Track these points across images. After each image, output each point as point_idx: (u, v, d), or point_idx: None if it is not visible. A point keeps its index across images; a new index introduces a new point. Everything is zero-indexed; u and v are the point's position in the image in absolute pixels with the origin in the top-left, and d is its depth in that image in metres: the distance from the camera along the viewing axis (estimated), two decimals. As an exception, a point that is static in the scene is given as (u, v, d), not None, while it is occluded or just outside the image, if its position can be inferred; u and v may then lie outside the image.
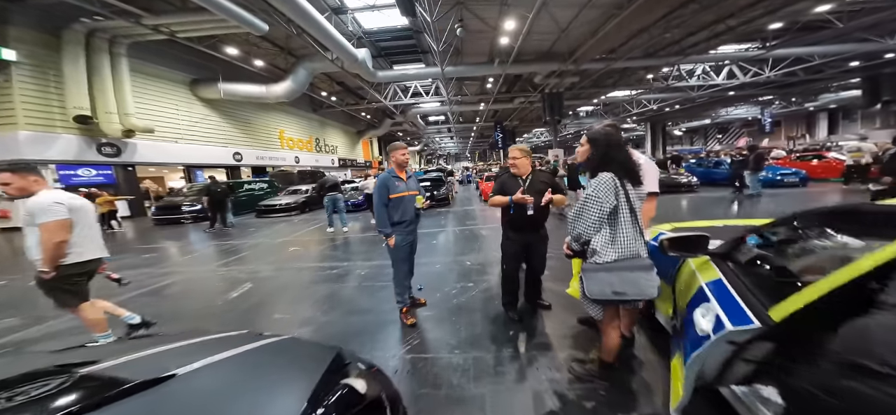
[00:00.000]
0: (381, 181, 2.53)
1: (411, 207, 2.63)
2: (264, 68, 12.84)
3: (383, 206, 2.51)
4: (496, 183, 2.52)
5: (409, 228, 2.63)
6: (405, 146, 2.61)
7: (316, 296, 3.46)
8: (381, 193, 2.50)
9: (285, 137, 17.87)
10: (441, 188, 10.54)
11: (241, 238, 7.22)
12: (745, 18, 9.55)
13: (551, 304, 2.72)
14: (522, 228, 2.40)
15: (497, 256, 4.36)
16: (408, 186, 2.61)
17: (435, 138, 37.42)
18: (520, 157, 2.40)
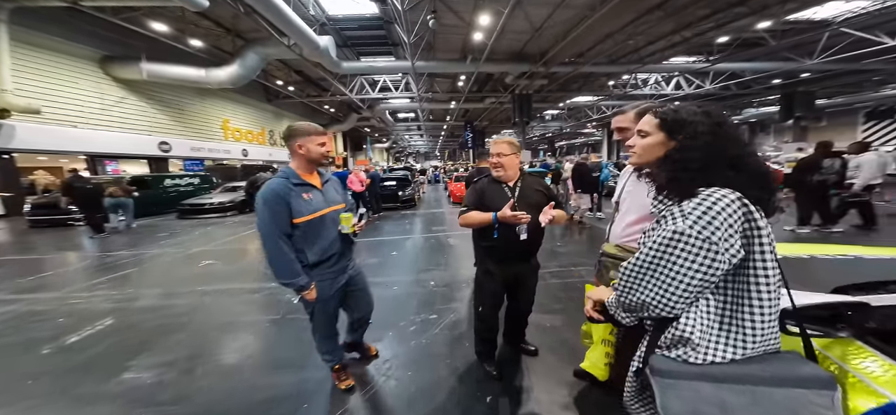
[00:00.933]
0: (270, 194, 1.41)
1: (333, 231, 1.54)
2: (205, 50, 10.95)
3: (279, 240, 1.41)
4: (470, 190, 1.78)
5: (336, 267, 1.57)
6: (322, 131, 1.54)
7: (211, 336, 2.50)
8: (274, 218, 1.40)
9: (230, 127, 15.68)
10: (407, 189, 9.64)
11: (139, 246, 5.74)
12: (698, 30, 9.88)
13: (538, 348, 2.08)
14: (509, 258, 1.69)
15: (466, 274, 3.57)
16: (325, 198, 1.54)
17: (404, 136, 36.17)
18: (508, 153, 1.67)
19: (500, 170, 1.70)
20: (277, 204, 1.40)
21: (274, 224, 1.39)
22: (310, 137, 1.49)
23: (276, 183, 1.44)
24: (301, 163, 1.51)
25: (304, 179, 1.50)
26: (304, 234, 1.47)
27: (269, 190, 1.41)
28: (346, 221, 1.57)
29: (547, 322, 2.43)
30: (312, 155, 1.50)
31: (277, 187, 1.42)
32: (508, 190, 1.70)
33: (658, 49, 11.60)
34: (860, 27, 9.30)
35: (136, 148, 11.55)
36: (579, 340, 2.21)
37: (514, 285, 1.78)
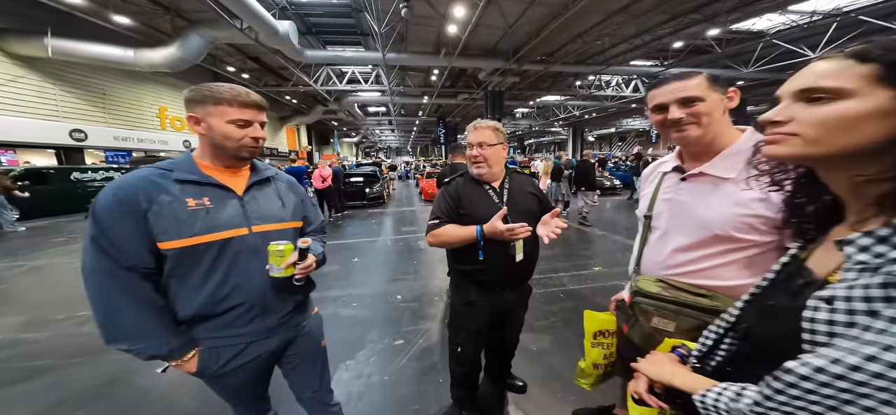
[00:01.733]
0: (111, 197, 0.77)
1: (253, 269, 0.89)
2: (135, 29, 9.29)
3: (118, 275, 0.77)
4: (440, 196, 1.33)
5: (250, 327, 0.91)
6: (246, 99, 0.86)
7: (73, 389, 1.85)
8: (113, 239, 0.76)
9: (169, 115, 13.76)
10: (374, 186, 9.03)
11: (20, 255, 4.67)
12: (657, 35, 10.28)
13: (526, 383, 1.76)
14: (499, 285, 1.31)
15: (439, 285, 3.17)
16: (246, 210, 0.91)
17: (375, 131, 34.79)
18: (493, 142, 1.26)
19: (482, 166, 1.26)
20: (122, 215, 0.75)
21: (107, 253, 0.74)
22: (219, 107, 0.82)
23: (132, 176, 0.79)
24: (205, 149, 0.88)
25: (205, 176, 0.86)
26: (180, 269, 0.81)
27: (113, 190, 0.76)
28: (276, 257, 0.86)
29: (532, 345, 2.13)
30: (217, 139, 0.84)
31: (132, 184, 0.77)
32: (494, 193, 1.30)
33: (621, 51, 11.99)
34: (788, 40, 10.24)
35: (39, 135, 9.52)
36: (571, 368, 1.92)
37: (503, 318, 1.41)
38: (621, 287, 1.07)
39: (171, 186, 0.81)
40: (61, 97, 10.04)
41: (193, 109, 0.85)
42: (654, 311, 0.81)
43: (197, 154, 0.90)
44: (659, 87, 0.85)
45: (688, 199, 0.86)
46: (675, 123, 0.82)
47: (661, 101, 0.85)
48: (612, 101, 18.44)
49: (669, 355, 0.65)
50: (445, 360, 2.05)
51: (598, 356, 1.10)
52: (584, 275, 3.48)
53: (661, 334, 0.80)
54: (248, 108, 0.86)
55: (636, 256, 1.01)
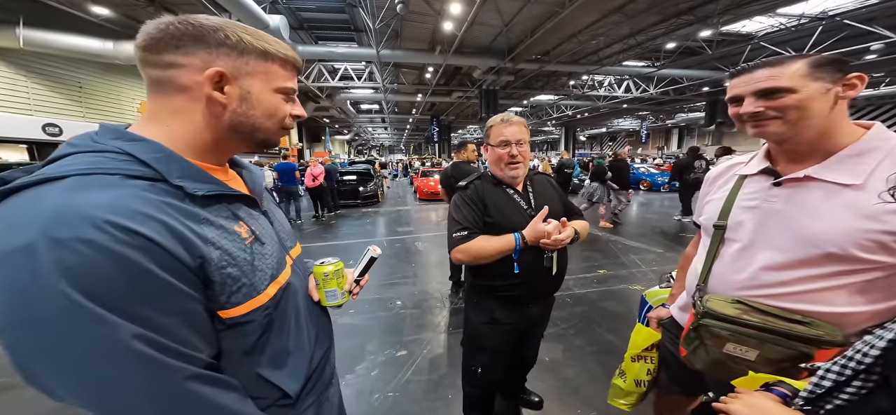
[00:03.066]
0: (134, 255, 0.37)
1: (310, 311, 0.65)
2: (115, 20, 8.78)
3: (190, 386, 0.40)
4: (462, 202, 1.15)
5: (322, 380, 0.65)
6: (287, 51, 0.54)
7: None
8: (161, 323, 0.39)
9: None
10: (368, 184, 8.83)
11: None
12: (651, 35, 10.36)
13: (542, 398, 1.65)
14: (531, 299, 1.18)
15: (440, 289, 3.04)
16: (275, 225, 0.61)
17: (368, 128, 34.32)
18: (525, 141, 1.11)
19: (519, 167, 1.11)
20: (162, 273, 0.39)
21: (162, 350, 0.38)
22: (266, 65, 0.51)
23: (117, 193, 0.38)
24: (198, 130, 0.49)
25: (225, 186, 0.51)
26: (262, 335, 0.52)
27: (99, 225, 0.35)
28: (334, 281, 0.67)
29: (544, 355, 2.02)
30: (254, 117, 0.51)
31: (142, 208, 0.39)
32: (519, 197, 1.15)
33: (614, 52, 12.06)
34: (776, 42, 10.49)
35: (9, 129, 8.91)
36: (587, 380, 1.81)
37: (526, 333, 1.29)
38: (632, 291, 0.95)
39: (196, 209, 0.45)
40: (34, 90, 9.40)
41: (214, 58, 0.46)
42: (729, 336, 0.69)
43: (177, 145, 0.47)
44: (739, 77, 0.73)
45: (786, 208, 0.71)
46: (753, 118, 0.70)
47: (735, 92, 0.73)
48: (605, 102, 18.63)
49: (766, 395, 0.54)
50: (453, 372, 1.92)
51: (642, 372, 0.99)
52: (590, 278, 3.40)
53: (736, 362, 0.69)
54: (297, 72, 0.57)
55: (702, 272, 0.84)
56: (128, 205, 0.38)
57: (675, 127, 29.63)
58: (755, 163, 0.81)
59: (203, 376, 0.41)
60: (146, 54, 0.45)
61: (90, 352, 0.35)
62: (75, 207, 0.35)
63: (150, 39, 0.45)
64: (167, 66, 0.45)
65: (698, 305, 0.76)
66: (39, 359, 0.35)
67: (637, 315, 1.90)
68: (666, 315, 1.03)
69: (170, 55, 0.45)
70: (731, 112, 0.76)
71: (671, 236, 5.10)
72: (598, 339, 2.29)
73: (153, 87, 0.47)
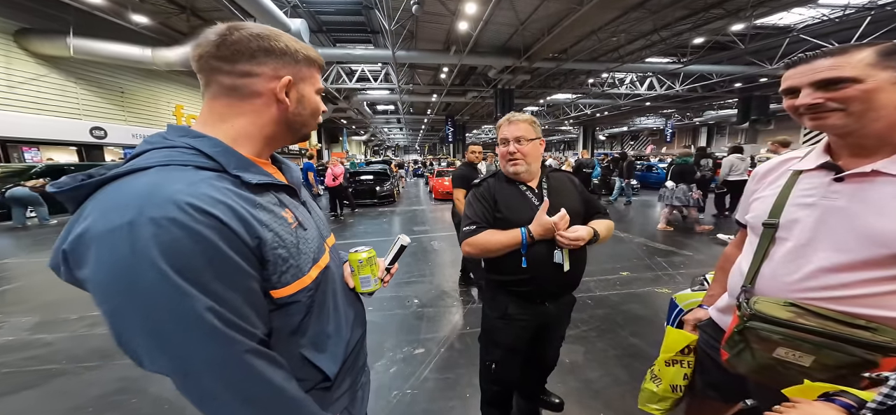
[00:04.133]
0: (207, 234, 0.41)
1: (346, 296, 0.69)
2: (152, 28, 9.42)
3: (256, 360, 0.44)
4: (474, 199, 1.20)
5: (358, 367, 0.69)
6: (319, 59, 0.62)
7: (90, 394, 1.76)
8: (229, 299, 0.43)
9: (185, 114, 14.01)
10: (385, 184, 8.98)
11: (38, 251, 4.71)
12: (676, 30, 9.95)
13: (562, 399, 1.62)
14: (542, 295, 1.18)
15: (456, 287, 3.04)
16: (314, 215, 0.65)
17: (383, 129, 34.89)
18: (530, 137, 1.14)
19: (519, 163, 1.14)
20: (231, 257, 0.43)
21: (228, 324, 0.42)
22: (311, 71, 0.58)
23: (192, 180, 0.43)
24: (259, 127, 0.55)
25: (270, 174, 0.56)
26: (306, 315, 0.55)
27: (181, 206, 0.40)
28: (369, 268, 0.69)
29: (564, 357, 1.98)
30: (304, 115, 0.59)
31: (212, 194, 0.43)
32: (532, 194, 1.17)
33: (636, 48, 11.67)
34: (817, 34, 9.79)
35: (62, 133, 9.79)
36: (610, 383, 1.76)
37: (543, 332, 1.27)
38: (659, 294, 0.90)
39: (251, 195, 0.49)
40: (82, 96, 10.29)
41: (282, 68, 0.52)
42: (780, 340, 0.65)
43: (230, 137, 0.52)
44: (795, 67, 0.69)
45: (849, 205, 0.67)
46: (810, 110, 0.66)
47: (791, 83, 0.69)
48: (626, 100, 18.03)
49: (829, 406, 0.50)
50: (470, 371, 1.92)
51: (678, 377, 0.95)
52: (612, 280, 3.30)
53: (787, 367, 0.65)
54: (320, 68, 0.62)
55: (749, 272, 0.80)
56: (202, 190, 0.42)
57: (703, 125, 28.19)
58: (813, 157, 0.75)
59: (259, 351, 0.45)
60: (221, 63, 0.50)
61: (172, 321, 0.39)
62: (163, 191, 0.40)
63: (225, 49, 0.50)
64: (242, 75, 0.51)
65: (744, 307, 0.72)
66: (132, 325, 0.40)
67: (666, 319, 1.82)
68: (704, 317, 0.99)
69: (245, 65, 0.51)
70: (787, 104, 0.71)
71: (699, 238, 4.86)
72: (621, 342, 2.22)
73: (225, 92, 0.52)
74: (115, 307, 0.39)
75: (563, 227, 1.06)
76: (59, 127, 9.65)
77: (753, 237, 0.82)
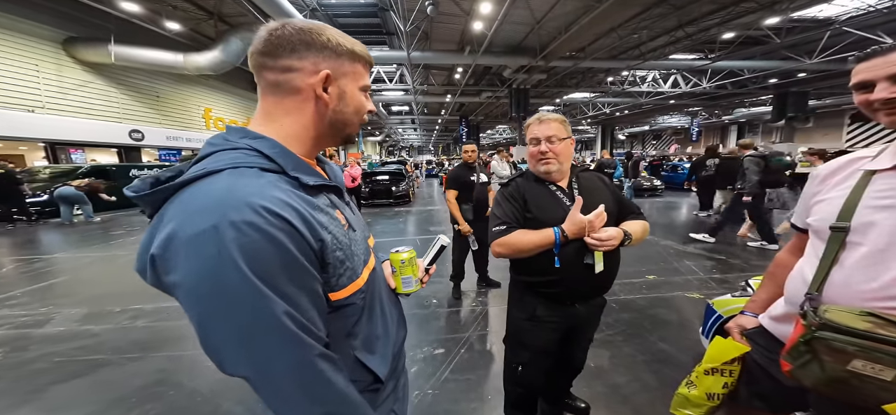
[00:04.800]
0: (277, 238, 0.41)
1: (389, 299, 0.69)
2: (184, 34, 10.00)
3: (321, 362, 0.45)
4: (503, 198, 1.18)
5: (400, 369, 0.69)
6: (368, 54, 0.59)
7: (130, 386, 1.85)
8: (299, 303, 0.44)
9: (213, 116, 14.75)
10: (401, 184, 9.09)
11: (84, 247, 4.99)
12: (702, 26, 9.54)
13: (589, 404, 1.58)
14: (574, 297, 1.15)
15: (473, 288, 3.01)
16: (357, 218, 0.63)
17: (398, 129, 35.34)
18: (563, 137, 1.13)
19: (552, 162, 1.11)
20: (300, 261, 0.44)
21: (302, 328, 0.43)
22: (355, 67, 0.56)
23: (262, 183, 0.44)
24: (306, 127, 0.54)
25: (320, 175, 0.57)
26: (359, 318, 0.56)
27: (257, 210, 0.40)
28: (410, 268, 0.69)
29: (589, 361, 1.92)
30: (347, 113, 0.56)
31: (282, 198, 0.43)
32: (562, 194, 1.15)
33: (659, 45, 11.28)
34: (861, 27, 9.12)
35: (103, 136, 10.57)
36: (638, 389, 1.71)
37: (572, 334, 1.25)
38: (690, 299, 0.85)
39: (309, 197, 0.49)
40: (122, 100, 11.09)
41: (322, 61, 0.51)
42: (856, 352, 0.61)
43: (284, 136, 0.52)
44: (868, 60, 0.65)
45: None
46: (888, 105, 0.62)
47: (864, 77, 0.65)
48: (648, 98, 17.43)
49: None
50: (491, 372, 1.91)
51: (716, 385, 0.91)
52: (638, 283, 3.20)
53: (863, 381, 0.60)
54: (371, 68, 0.60)
55: (815, 280, 0.74)
56: (273, 194, 0.42)
57: (732, 123, 26.82)
58: (888, 156, 0.70)
59: (326, 355, 0.45)
60: (266, 59, 0.50)
61: (253, 324, 0.39)
62: (238, 194, 0.40)
63: (269, 45, 0.49)
64: (284, 70, 0.50)
65: (812, 316, 0.67)
66: (218, 327, 0.40)
67: (701, 326, 1.74)
68: (751, 324, 0.93)
69: (286, 59, 0.49)
70: (859, 100, 0.67)
71: (730, 241, 4.62)
72: (650, 347, 2.14)
73: (270, 90, 0.51)
74: (203, 310, 0.40)
75: (598, 225, 1.03)
76: (102, 130, 10.43)
77: (817, 242, 0.77)
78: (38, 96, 8.96)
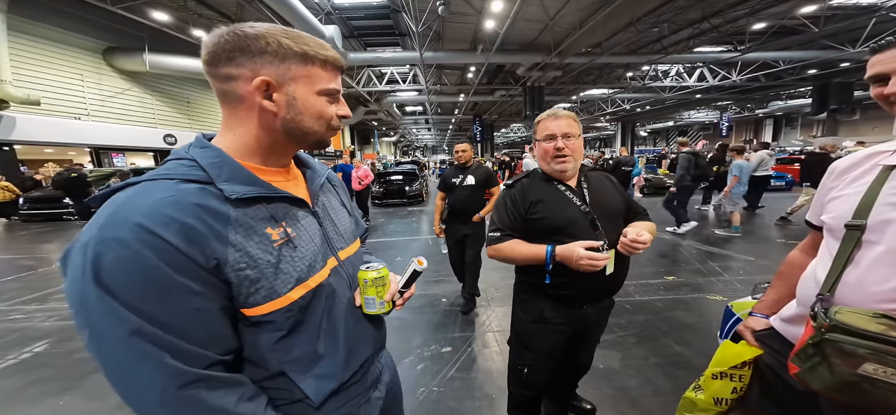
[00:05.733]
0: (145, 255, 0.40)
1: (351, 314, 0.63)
2: (208, 40, 10.57)
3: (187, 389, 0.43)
4: (505, 200, 1.16)
5: (361, 384, 0.65)
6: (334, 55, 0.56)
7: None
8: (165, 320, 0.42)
9: None
10: (414, 184, 9.17)
11: None
12: (729, 17, 9.06)
13: (595, 406, 1.55)
14: (581, 300, 1.13)
15: (485, 287, 3.00)
16: (324, 226, 0.62)
17: (412, 129, 35.74)
18: (577, 132, 1.09)
19: (567, 161, 1.07)
20: (176, 278, 0.42)
21: (163, 346, 0.41)
22: (306, 69, 0.52)
23: (159, 197, 0.43)
24: (256, 137, 0.53)
25: (271, 187, 0.53)
26: (286, 335, 0.53)
27: (131, 227, 0.40)
28: (375, 288, 0.64)
29: (598, 362, 1.89)
30: (303, 121, 0.54)
31: (169, 212, 0.42)
32: (571, 193, 1.11)
33: (683, 39, 10.81)
34: (914, 10, 8.35)
35: (141, 140, 11.47)
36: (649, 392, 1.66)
37: (579, 336, 1.23)
38: (711, 301, 0.82)
39: (227, 210, 0.47)
40: (156, 106, 11.96)
41: (260, 67, 0.48)
42: (868, 355, 0.58)
43: (233, 147, 0.52)
44: (885, 51, 0.63)
45: None
46: None
47: (881, 69, 0.63)
48: (671, 93, 16.70)
49: None
50: (496, 372, 1.90)
51: (725, 390, 0.88)
52: (655, 285, 3.08)
53: (875, 386, 0.58)
54: (339, 72, 0.57)
55: (827, 279, 0.72)
56: (160, 210, 0.41)
57: (767, 117, 25.21)
58: None
59: (201, 377, 0.42)
60: (209, 68, 0.49)
61: (106, 340, 0.39)
62: (125, 210, 0.41)
63: (209, 54, 0.48)
64: (225, 79, 0.49)
65: (822, 318, 0.65)
66: (86, 342, 0.40)
67: (719, 329, 1.67)
68: (762, 326, 0.90)
69: (225, 68, 0.48)
70: (875, 93, 0.65)
71: (764, 241, 4.36)
72: (664, 350, 2.06)
73: (221, 99, 0.51)
74: (75, 322, 0.41)
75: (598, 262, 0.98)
76: (139, 135, 11.30)
77: (832, 240, 0.73)
78: (82, 104, 9.79)
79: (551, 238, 1.05)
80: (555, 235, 1.05)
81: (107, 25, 9.74)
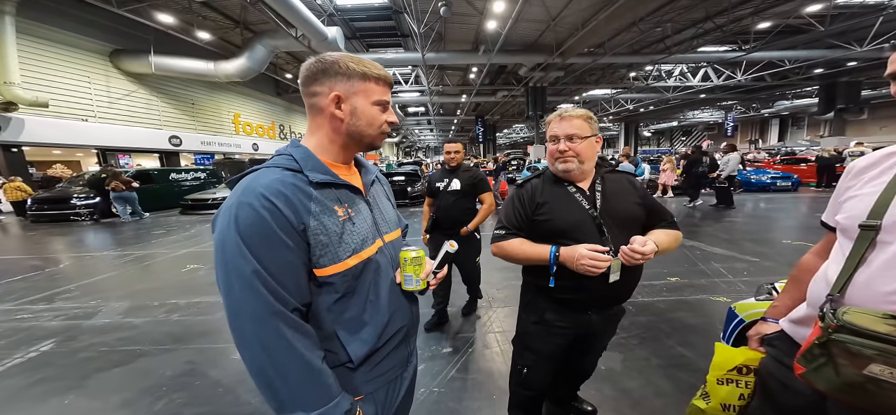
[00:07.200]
0: (257, 206, 0.57)
1: (392, 287, 0.74)
2: (213, 43, 10.68)
3: (282, 324, 0.57)
4: (512, 200, 1.16)
5: (398, 357, 0.77)
6: (387, 76, 0.73)
7: (161, 377, 1.97)
8: (270, 270, 0.57)
9: (241, 121, 15.69)
10: (416, 185, 9.21)
11: (129, 245, 5.43)
12: (734, 16, 9.00)
13: (596, 408, 1.54)
14: (585, 305, 1.11)
15: (487, 289, 2.98)
16: (374, 214, 0.76)
17: (414, 130, 35.81)
18: (587, 133, 1.05)
19: (571, 161, 1.05)
20: (279, 236, 0.58)
21: (267, 287, 0.56)
22: (365, 85, 0.67)
23: (271, 181, 0.60)
24: (332, 140, 0.69)
25: (337, 177, 0.68)
26: (339, 301, 0.66)
27: (259, 201, 0.57)
28: (413, 267, 0.73)
29: (600, 364, 1.87)
30: (361, 125, 0.68)
31: (281, 193, 0.59)
32: (582, 196, 1.08)
33: (686, 38, 10.76)
34: (923, 7, 8.24)
35: (147, 142, 11.60)
36: (650, 394, 1.65)
37: (583, 341, 1.21)
38: (715, 302, 0.80)
39: (311, 191, 0.62)
40: (162, 108, 12.07)
41: (335, 85, 0.65)
42: (875, 356, 0.58)
43: (315, 146, 0.69)
44: None
45: None
46: None
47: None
48: (675, 93, 16.61)
49: None
50: (497, 372, 1.90)
51: (732, 396, 0.87)
52: (658, 286, 3.06)
53: (881, 387, 0.57)
54: (389, 86, 0.72)
55: (838, 280, 0.71)
56: (273, 186, 0.59)
57: (773, 117, 24.96)
58: None
59: (286, 316, 0.58)
60: (302, 87, 0.68)
61: (233, 275, 0.56)
62: (253, 184, 0.59)
63: (303, 78, 0.67)
64: (312, 95, 0.67)
65: (830, 318, 0.64)
66: (218, 271, 0.58)
67: (722, 330, 1.65)
68: (772, 330, 0.88)
69: (311, 87, 0.67)
70: (894, 90, 0.65)
71: (769, 243, 4.31)
72: (667, 352, 2.05)
73: (309, 110, 0.69)
74: (215, 258, 0.59)
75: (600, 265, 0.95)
76: (145, 136, 11.42)
77: (845, 241, 0.72)
78: (90, 106, 9.91)
79: (556, 241, 1.03)
80: (559, 238, 1.03)
81: (113, 28, 9.86)
